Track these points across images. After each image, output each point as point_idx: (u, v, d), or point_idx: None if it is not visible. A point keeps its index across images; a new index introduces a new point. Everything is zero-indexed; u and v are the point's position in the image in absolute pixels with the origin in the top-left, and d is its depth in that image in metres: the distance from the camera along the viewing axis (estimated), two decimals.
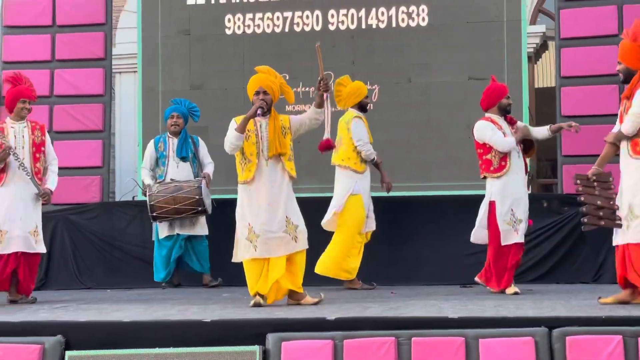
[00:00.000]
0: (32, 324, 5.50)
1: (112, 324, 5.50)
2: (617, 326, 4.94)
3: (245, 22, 10.12)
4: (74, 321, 5.57)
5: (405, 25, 9.86)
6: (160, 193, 8.66)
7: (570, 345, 4.86)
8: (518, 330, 5.00)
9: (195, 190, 8.64)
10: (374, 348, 4.99)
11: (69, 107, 10.10)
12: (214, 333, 5.28)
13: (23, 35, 10.25)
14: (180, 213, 8.65)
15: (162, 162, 9.03)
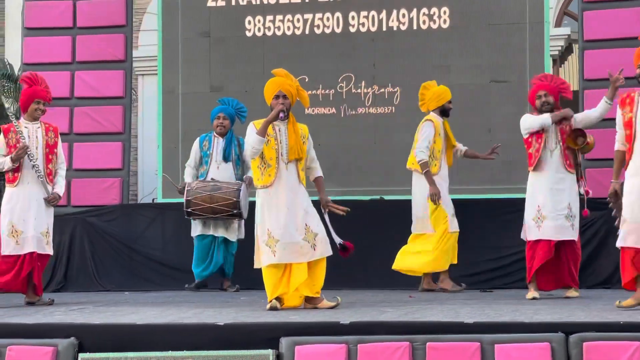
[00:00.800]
0: (46, 325, 5.52)
1: (126, 327, 5.51)
2: (636, 332, 4.89)
3: (266, 24, 10.14)
4: (88, 323, 5.58)
5: (426, 27, 9.85)
6: (198, 190, 8.62)
7: (588, 351, 4.82)
8: (534, 336, 4.96)
9: (234, 193, 8.59)
10: (388, 353, 4.98)
11: (89, 109, 10.13)
12: (228, 336, 5.27)
13: (44, 37, 10.29)
14: (216, 213, 8.59)
15: (205, 161, 8.99)
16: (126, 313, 6.32)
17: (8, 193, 7.41)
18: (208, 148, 9.00)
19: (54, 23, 10.30)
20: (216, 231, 8.83)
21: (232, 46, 10.19)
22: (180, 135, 10.09)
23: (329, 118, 9.90)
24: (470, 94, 9.58)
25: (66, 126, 10.07)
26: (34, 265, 7.35)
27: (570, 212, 7.55)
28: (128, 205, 10.21)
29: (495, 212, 9.11)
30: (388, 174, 9.76)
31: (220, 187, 8.64)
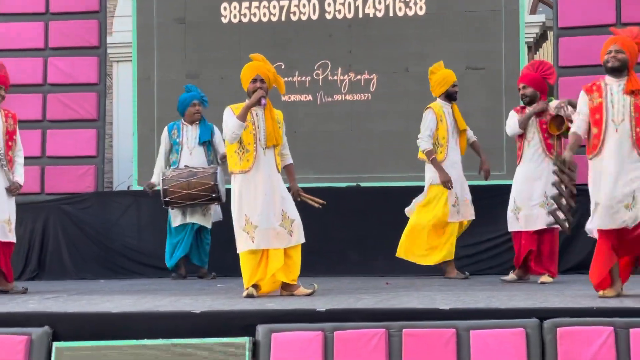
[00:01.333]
0: (19, 314, 5.48)
1: (101, 315, 5.48)
2: (609, 317, 4.92)
3: (242, 11, 10.11)
4: (63, 312, 5.54)
5: (402, 14, 9.85)
6: (174, 178, 8.54)
7: (561, 336, 4.85)
8: (509, 322, 4.98)
9: (211, 177, 8.53)
10: (364, 339, 4.98)
11: (62, 95, 10.06)
12: (204, 324, 5.27)
13: (16, 23, 10.19)
14: (194, 199, 8.53)
15: (176, 149, 8.94)
16: (101, 301, 6.28)
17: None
18: (178, 136, 8.97)
19: (26, 8, 10.21)
20: (192, 218, 8.78)
21: (207, 32, 10.15)
22: (156, 122, 10.04)
23: (306, 105, 9.90)
24: None
25: (39, 113, 10.03)
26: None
27: (546, 200, 7.59)
28: (103, 192, 10.16)
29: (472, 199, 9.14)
30: (364, 161, 9.77)
31: (196, 173, 8.59)
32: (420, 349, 4.93)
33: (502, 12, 9.65)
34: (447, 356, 4.89)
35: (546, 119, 7.71)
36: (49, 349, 5.14)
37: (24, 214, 9.49)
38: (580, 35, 9.37)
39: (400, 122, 9.61)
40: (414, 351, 4.93)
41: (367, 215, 9.13)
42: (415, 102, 9.51)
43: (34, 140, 9.92)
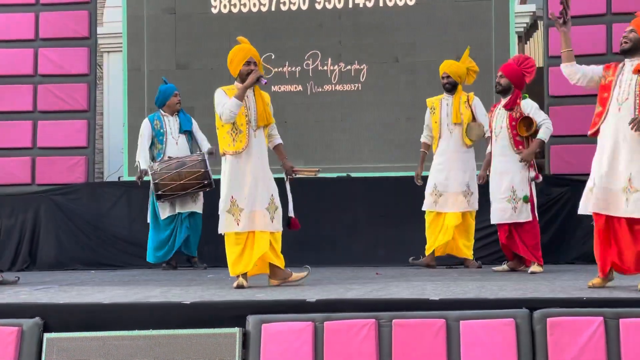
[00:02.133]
0: (10, 305, 5.44)
1: (92, 306, 5.46)
2: (599, 307, 4.92)
3: (232, 1, 10.11)
4: (53, 303, 5.51)
5: (392, 4, 9.86)
6: (163, 170, 8.50)
7: (551, 326, 4.84)
8: (499, 312, 4.97)
9: (200, 164, 8.52)
10: (354, 330, 4.97)
11: (53, 86, 10.03)
12: (194, 315, 5.25)
13: (6, 14, 10.14)
14: (187, 188, 8.52)
15: (160, 140, 8.90)
16: (92, 292, 6.27)
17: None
18: (160, 127, 8.93)
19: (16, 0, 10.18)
20: (183, 207, 8.78)
21: (197, 23, 10.15)
22: (146, 112, 10.01)
23: (296, 95, 9.90)
24: (437, 70, 9.56)
25: (30, 104, 10.00)
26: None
27: (513, 195, 7.64)
28: (94, 183, 10.13)
29: None
30: (354, 151, 9.78)
31: (185, 162, 8.57)
32: (410, 339, 4.93)
33: (492, 1, 9.67)
34: (437, 346, 4.88)
35: (516, 117, 7.71)
36: (40, 340, 5.13)
37: (15, 204, 9.51)
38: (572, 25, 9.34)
39: (390, 112, 9.63)
40: (403, 341, 4.92)
41: (357, 205, 9.13)
42: (405, 93, 9.55)
43: (25, 131, 9.92)
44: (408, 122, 9.44)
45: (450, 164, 8.35)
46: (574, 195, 8.89)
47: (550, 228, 8.82)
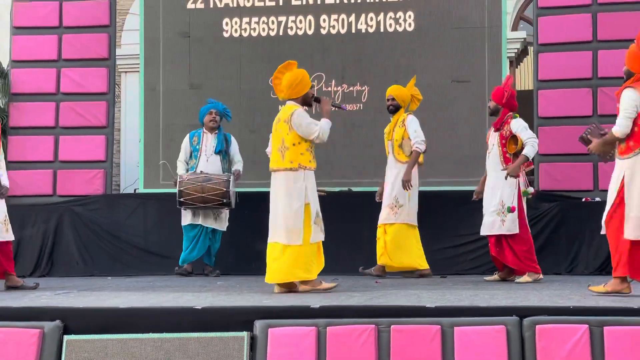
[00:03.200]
0: (32, 309, 5.46)
1: (109, 310, 5.47)
2: (584, 316, 4.92)
3: (242, 26, 10.12)
4: (73, 307, 5.53)
5: (392, 30, 9.87)
6: (189, 181, 8.63)
7: (540, 333, 4.84)
8: (491, 319, 4.97)
9: (224, 183, 8.61)
10: (355, 335, 4.97)
11: (74, 104, 10.08)
12: (205, 319, 5.24)
13: (31, 36, 10.21)
14: (206, 202, 8.61)
15: (195, 155, 9.00)
16: (109, 297, 6.28)
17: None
18: (197, 143, 9.03)
19: (41, 22, 10.24)
20: (205, 222, 8.87)
21: (210, 46, 10.16)
22: (161, 129, 10.06)
23: None
24: (434, 92, 9.61)
25: (52, 120, 10.05)
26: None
27: (502, 209, 7.65)
28: (111, 195, 10.16)
29: (454, 204, 9.16)
30: (356, 167, 9.79)
31: (211, 178, 8.67)
32: (408, 344, 4.93)
33: (486, 28, 9.67)
34: (432, 351, 4.88)
35: (505, 136, 7.74)
36: (60, 342, 5.14)
37: (37, 214, 9.55)
38: (559, 51, 9.41)
39: None
40: (401, 346, 4.93)
41: (358, 218, 9.13)
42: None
43: (47, 145, 9.97)
44: None
45: (385, 178, 8.38)
46: (561, 210, 8.92)
47: (537, 240, 8.80)
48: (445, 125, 9.61)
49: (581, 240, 8.82)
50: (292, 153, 6.54)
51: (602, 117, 9.12)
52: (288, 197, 6.54)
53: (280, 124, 6.63)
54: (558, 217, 8.88)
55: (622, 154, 5.91)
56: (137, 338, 5.13)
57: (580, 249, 8.80)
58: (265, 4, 10.09)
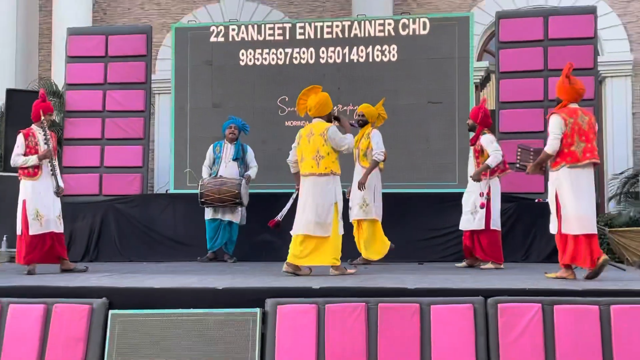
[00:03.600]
0: (84, 288, 5.47)
1: (146, 289, 5.47)
2: (538, 296, 4.93)
3: (255, 56, 10.12)
4: (116, 287, 5.53)
5: (379, 60, 9.88)
6: (209, 184, 8.72)
7: (501, 310, 4.84)
8: (461, 299, 4.98)
9: (237, 186, 8.69)
10: (348, 311, 4.98)
11: (117, 119, 10.06)
12: (224, 298, 5.24)
13: (82, 64, 10.19)
14: (223, 201, 8.69)
15: (217, 161, 9.00)
16: (145, 279, 6.27)
17: (29, 185, 7.13)
18: (219, 152, 9.05)
19: (90, 53, 10.22)
20: (224, 216, 8.89)
21: (229, 72, 10.16)
22: (188, 141, 10.04)
23: None
24: (412, 112, 9.63)
25: (99, 133, 10.03)
26: (53, 241, 7.20)
27: (475, 209, 7.68)
28: (146, 195, 10.13)
29: (428, 203, 9.16)
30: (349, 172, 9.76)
31: (226, 182, 8.74)
32: (392, 319, 4.93)
33: (456, 59, 9.68)
34: (412, 325, 4.88)
35: (478, 149, 7.79)
36: (105, 315, 5.15)
37: (86, 211, 9.53)
38: (516, 78, 9.42)
39: None
40: (387, 321, 4.93)
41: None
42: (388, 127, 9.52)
43: (95, 154, 9.96)
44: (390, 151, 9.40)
45: (353, 181, 8.22)
46: (517, 209, 8.92)
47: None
48: (421, 139, 9.61)
49: (534, 234, 8.81)
50: (326, 161, 6.60)
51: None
52: (322, 197, 6.58)
53: (315, 137, 6.64)
54: (515, 215, 8.87)
55: (552, 167, 6.17)
56: (168, 312, 5.13)
57: (533, 241, 8.79)
58: (274, 38, 10.09)
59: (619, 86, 12.01)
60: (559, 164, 6.12)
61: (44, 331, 5.13)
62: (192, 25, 10.75)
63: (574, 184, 6.06)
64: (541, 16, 9.53)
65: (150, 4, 13.52)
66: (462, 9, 12.41)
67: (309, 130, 6.74)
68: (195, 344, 5.00)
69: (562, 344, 4.72)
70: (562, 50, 9.21)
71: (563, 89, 6.23)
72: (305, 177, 6.68)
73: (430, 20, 9.81)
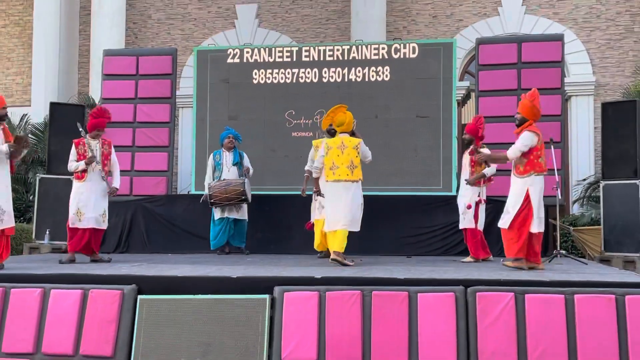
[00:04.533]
0: (115, 276, 5.48)
1: (170, 277, 5.48)
2: (511, 286, 4.92)
3: (267, 75, 10.11)
4: (144, 275, 5.52)
5: (374, 79, 9.87)
6: (216, 187, 8.68)
7: (479, 299, 4.84)
8: (444, 288, 4.98)
9: (241, 185, 8.66)
10: (346, 298, 4.98)
11: (145, 129, 10.06)
12: (238, 285, 5.25)
13: (116, 81, 10.20)
14: (230, 200, 8.64)
15: (218, 168, 8.96)
16: (170, 268, 6.25)
17: (76, 186, 7.20)
18: (220, 159, 8.99)
19: (123, 71, 10.23)
20: (230, 214, 8.81)
21: (243, 89, 10.15)
22: (207, 148, 10.02)
23: (308, 139, 9.86)
24: (402, 124, 9.61)
25: (130, 141, 10.02)
26: (91, 236, 7.21)
27: (465, 210, 7.65)
28: (171, 195, 10.12)
29: (416, 204, 9.15)
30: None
31: (231, 183, 8.71)
32: (384, 305, 4.93)
33: (441, 79, 9.67)
34: (402, 310, 4.89)
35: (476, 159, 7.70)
36: (135, 300, 5.17)
37: (119, 209, 9.52)
38: (493, 96, 9.41)
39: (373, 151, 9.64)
40: (379, 307, 4.93)
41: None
42: (381, 138, 9.54)
43: (126, 159, 9.92)
44: (383, 158, 9.41)
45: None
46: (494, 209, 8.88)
47: None
48: (410, 148, 9.58)
49: None
50: (358, 170, 6.96)
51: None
52: (356, 199, 6.91)
53: (348, 150, 6.94)
54: (492, 215, 8.83)
55: (520, 174, 6.27)
56: (190, 298, 5.14)
57: None
58: (283, 60, 10.08)
59: (582, 104, 12.02)
60: (528, 172, 6.23)
61: (81, 313, 5.14)
62: (211, 48, 10.75)
63: (541, 190, 6.24)
64: (515, 42, 9.53)
65: (175, 30, 13.53)
66: (446, 36, 12.41)
67: (339, 142, 7.02)
68: (212, 325, 5.01)
69: (532, 327, 4.72)
70: (534, 72, 9.21)
71: (532, 111, 6.37)
72: (337, 182, 6.87)
73: (419, 45, 9.81)
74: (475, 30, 12.35)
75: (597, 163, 11.52)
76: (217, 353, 4.93)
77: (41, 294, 5.22)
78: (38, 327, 5.14)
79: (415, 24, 12.75)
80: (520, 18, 12.33)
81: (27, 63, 13.90)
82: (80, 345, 5.06)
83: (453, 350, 4.75)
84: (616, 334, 4.63)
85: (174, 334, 5.01)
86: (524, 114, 6.40)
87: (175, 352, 4.96)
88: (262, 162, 9.64)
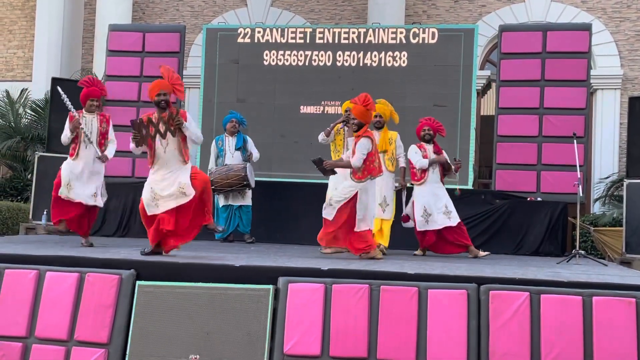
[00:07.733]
0: (113, 260, 5.47)
1: (171, 264, 5.46)
2: (526, 285, 4.88)
3: (278, 57, 10.10)
4: (144, 260, 5.54)
5: (390, 65, 9.84)
6: (216, 172, 8.64)
7: (492, 297, 4.81)
8: (456, 285, 4.94)
9: (242, 170, 8.60)
10: (353, 292, 4.96)
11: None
12: (241, 274, 5.23)
13: (121, 57, 10.20)
14: (232, 186, 8.60)
15: (221, 153, 8.93)
16: (171, 254, 6.26)
17: (68, 162, 7.14)
18: (222, 145, 8.96)
19: (128, 47, 10.23)
20: (235, 201, 8.82)
21: (253, 71, 10.15)
22: (214, 131, 10.03)
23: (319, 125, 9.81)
24: (419, 113, 9.53)
25: None
26: (82, 211, 7.15)
27: (446, 209, 7.61)
28: None
29: None
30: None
31: (232, 168, 8.68)
32: (393, 301, 4.90)
33: (461, 67, 9.63)
34: (411, 307, 4.86)
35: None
36: (133, 286, 5.16)
37: (120, 191, 9.54)
38: (515, 86, 9.35)
39: None
40: (388, 302, 4.91)
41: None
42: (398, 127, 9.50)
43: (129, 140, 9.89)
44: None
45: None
46: (510, 206, 8.87)
47: (493, 228, 8.78)
48: None
49: (525, 229, 8.77)
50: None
51: (545, 137, 9.09)
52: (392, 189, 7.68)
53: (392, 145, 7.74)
54: (508, 211, 8.82)
55: (358, 179, 6.52)
56: (191, 285, 5.13)
57: (524, 236, 8.74)
58: (296, 41, 10.06)
59: (608, 98, 11.93)
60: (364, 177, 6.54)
61: (77, 297, 5.14)
62: (221, 27, 10.73)
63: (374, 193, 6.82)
64: (540, 31, 9.45)
65: (184, 6, 13.51)
66: (468, 22, 12.34)
67: (389, 136, 7.72)
68: (212, 315, 5.00)
69: (547, 329, 4.69)
70: (558, 63, 9.14)
71: (367, 115, 6.64)
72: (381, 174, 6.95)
73: (439, 31, 9.76)
74: (499, 17, 12.27)
75: (622, 161, 11.45)
76: (217, 343, 4.93)
77: (36, 276, 5.22)
78: (32, 310, 5.15)
79: (436, 8, 12.68)
80: (547, 5, 12.23)
81: (30, 36, 13.94)
82: (75, 330, 5.07)
83: (463, 350, 4.72)
84: (635, 339, 4.59)
85: (172, 322, 5.01)
86: (360, 119, 6.61)
87: (173, 341, 4.96)
88: (270, 148, 9.63)
